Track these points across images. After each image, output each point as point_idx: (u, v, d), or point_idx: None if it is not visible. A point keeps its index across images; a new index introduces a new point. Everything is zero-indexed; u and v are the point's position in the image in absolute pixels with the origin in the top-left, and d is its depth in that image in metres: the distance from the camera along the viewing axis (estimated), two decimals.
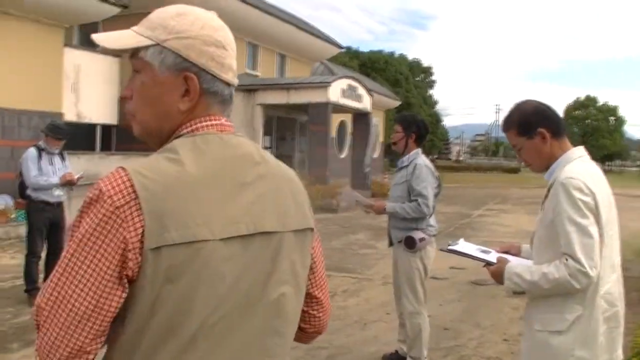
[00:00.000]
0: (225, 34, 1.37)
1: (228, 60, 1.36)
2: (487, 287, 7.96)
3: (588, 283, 2.38)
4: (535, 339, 2.57)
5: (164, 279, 1.17)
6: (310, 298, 1.53)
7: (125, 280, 1.17)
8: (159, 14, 1.37)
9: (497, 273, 2.64)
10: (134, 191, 1.17)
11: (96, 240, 1.16)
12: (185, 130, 1.33)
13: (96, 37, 1.36)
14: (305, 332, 1.59)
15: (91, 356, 1.22)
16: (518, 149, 2.69)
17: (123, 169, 1.21)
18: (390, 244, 4.98)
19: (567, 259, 2.39)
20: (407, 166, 4.80)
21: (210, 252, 1.20)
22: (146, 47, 1.33)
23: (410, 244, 4.65)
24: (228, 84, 1.38)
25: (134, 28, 1.36)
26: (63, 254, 1.20)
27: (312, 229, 1.46)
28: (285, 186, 1.41)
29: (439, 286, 8.03)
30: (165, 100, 1.33)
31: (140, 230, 1.16)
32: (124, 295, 1.18)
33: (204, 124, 1.34)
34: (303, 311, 1.50)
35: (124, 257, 1.16)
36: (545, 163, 2.63)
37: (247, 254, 1.27)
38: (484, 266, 2.76)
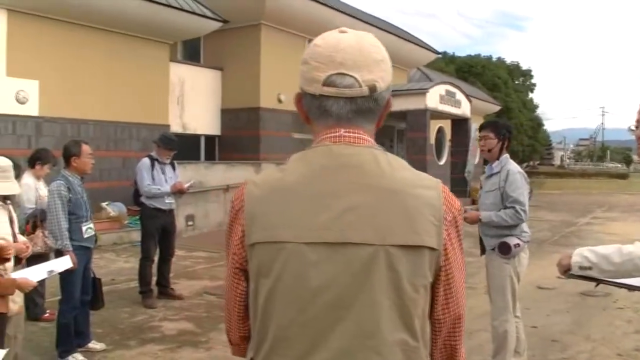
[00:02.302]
0: (313, 50, 1.41)
1: (311, 74, 1.38)
2: (597, 298, 7.59)
3: None
4: None
5: (258, 272, 1.36)
6: (431, 318, 1.43)
7: (242, 271, 1.42)
8: None
9: (567, 255, 2.43)
10: (245, 198, 1.39)
11: (229, 236, 1.44)
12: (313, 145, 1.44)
13: None
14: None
15: (243, 333, 1.51)
16: None
17: (246, 180, 1.43)
18: (482, 252, 4.83)
19: None
20: (498, 172, 4.64)
21: (292, 253, 1.30)
22: None
23: (504, 250, 4.50)
24: (315, 96, 1.38)
25: None
26: None
27: (431, 248, 1.34)
28: (396, 199, 1.33)
29: (546, 296, 7.74)
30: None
31: (243, 229, 1.37)
32: (245, 283, 1.43)
33: (322, 137, 1.41)
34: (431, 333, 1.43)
35: (235, 250, 1.41)
36: None
37: (336, 262, 1.29)
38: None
